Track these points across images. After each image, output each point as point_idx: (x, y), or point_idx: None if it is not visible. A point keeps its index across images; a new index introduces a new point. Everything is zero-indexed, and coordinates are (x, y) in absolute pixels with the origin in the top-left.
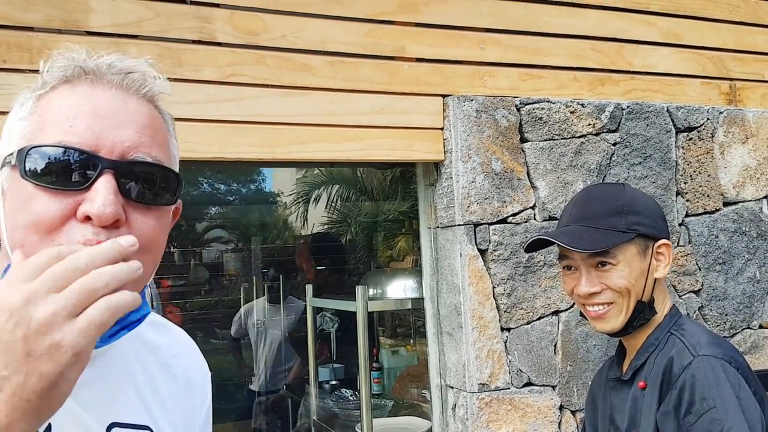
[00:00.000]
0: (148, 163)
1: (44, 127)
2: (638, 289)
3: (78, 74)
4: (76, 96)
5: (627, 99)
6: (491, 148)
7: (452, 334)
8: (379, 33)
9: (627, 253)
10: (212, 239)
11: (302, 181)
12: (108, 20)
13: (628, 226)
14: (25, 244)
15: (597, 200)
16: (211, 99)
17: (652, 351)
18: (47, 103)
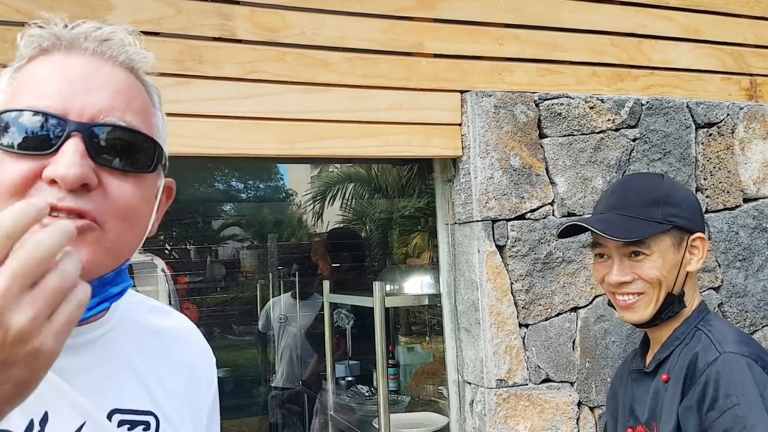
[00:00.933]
0: (121, 127)
1: (17, 95)
2: (669, 281)
3: (54, 44)
4: (50, 64)
5: (646, 94)
6: (509, 143)
7: (470, 330)
8: (397, 29)
9: (661, 244)
10: (228, 236)
11: (318, 180)
12: (130, 17)
13: (664, 217)
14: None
15: (635, 189)
16: (231, 96)
17: (678, 345)
18: (22, 74)
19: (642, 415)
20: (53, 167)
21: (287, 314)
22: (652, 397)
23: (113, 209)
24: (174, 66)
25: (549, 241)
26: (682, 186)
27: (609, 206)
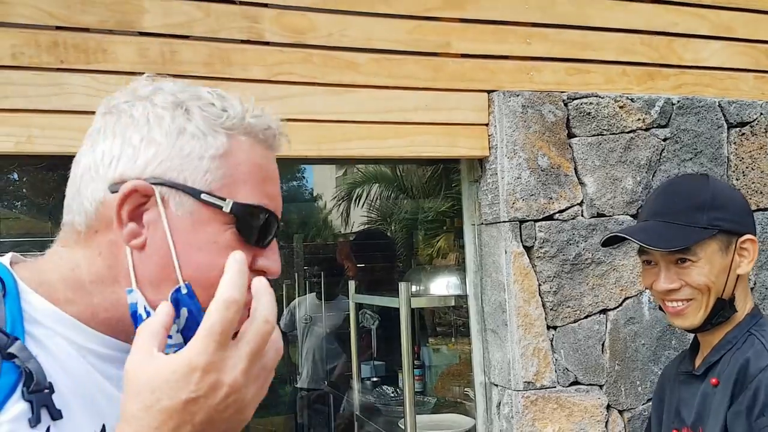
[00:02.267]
0: None
1: (245, 181)
2: (719, 286)
3: (267, 138)
4: (266, 160)
5: (677, 94)
6: (537, 143)
7: (497, 332)
8: (424, 29)
9: (708, 249)
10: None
11: (343, 180)
12: (160, 21)
13: (709, 222)
14: (215, 285)
15: (678, 194)
16: (258, 98)
17: (729, 349)
18: (238, 154)
19: (688, 417)
20: (269, 263)
21: (312, 315)
22: (699, 401)
23: None
24: (203, 69)
25: (578, 242)
26: (729, 187)
27: (652, 213)
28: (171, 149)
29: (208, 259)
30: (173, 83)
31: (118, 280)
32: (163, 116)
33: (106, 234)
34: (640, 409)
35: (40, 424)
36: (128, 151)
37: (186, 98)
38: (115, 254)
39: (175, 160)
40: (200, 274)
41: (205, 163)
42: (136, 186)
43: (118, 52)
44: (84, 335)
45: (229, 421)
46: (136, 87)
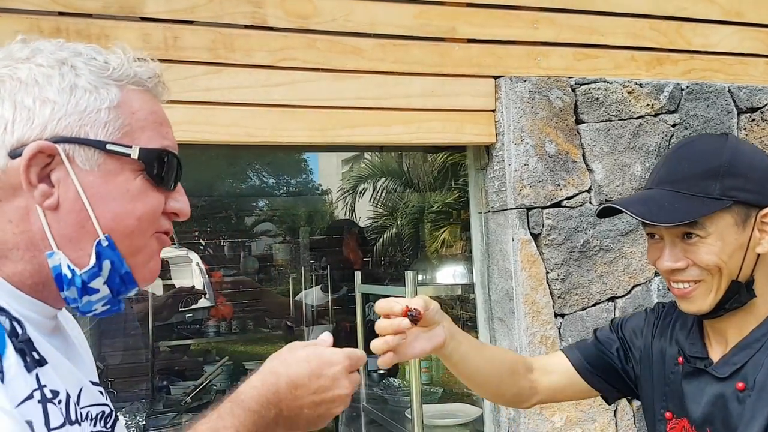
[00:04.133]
0: None
1: (143, 128)
2: (733, 266)
3: (155, 85)
4: (155, 104)
5: (686, 79)
6: (545, 129)
7: (504, 320)
8: (429, 14)
9: (720, 223)
10: (261, 231)
11: (349, 174)
12: (163, 6)
13: (723, 192)
14: (133, 230)
15: (689, 159)
16: (262, 83)
17: (759, 348)
18: (135, 103)
19: (693, 412)
20: (179, 205)
21: (318, 308)
22: (712, 402)
23: None
24: (207, 54)
25: (586, 229)
26: (753, 148)
27: (658, 180)
28: (66, 106)
29: (123, 208)
30: (48, 42)
31: (35, 243)
32: (52, 75)
33: (12, 201)
34: None
35: (33, 371)
36: (23, 114)
37: (68, 55)
38: (27, 219)
39: (73, 116)
40: (117, 224)
41: (103, 115)
42: (39, 147)
43: (120, 38)
44: (20, 302)
45: (320, 417)
46: (11, 50)
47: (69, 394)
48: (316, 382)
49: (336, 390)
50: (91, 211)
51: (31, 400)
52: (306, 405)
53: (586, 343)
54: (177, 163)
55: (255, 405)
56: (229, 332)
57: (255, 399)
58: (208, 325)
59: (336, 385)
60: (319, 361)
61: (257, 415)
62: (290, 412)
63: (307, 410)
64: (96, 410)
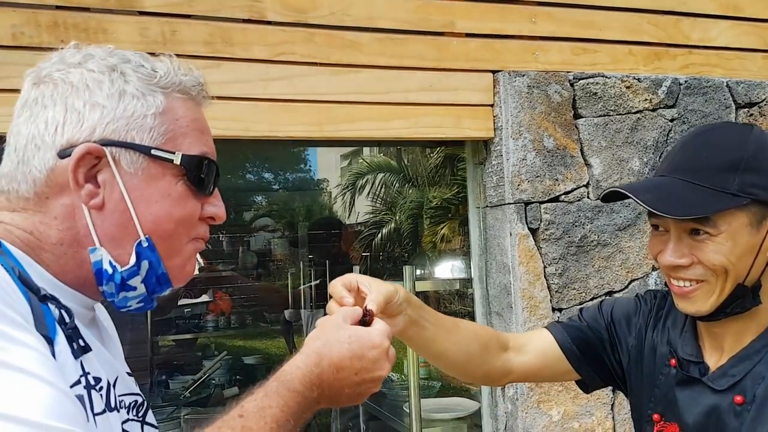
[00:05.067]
0: None
1: (185, 135)
2: (740, 269)
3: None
4: (197, 113)
5: (685, 74)
6: (543, 124)
7: (501, 314)
8: (428, 8)
9: (734, 222)
10: (260, 226)
11: (348, 170)
12: (160, 0)
13: (741, 188)
14: (172, 234)
15: (710, 147)
16: (261, 77)
17: (759, 360)
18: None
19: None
20: (216, 210)
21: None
22: (707, 413)
23: None
24: (204, 48)
25: (584, 224)
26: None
27: (673, 167)
28: (115, 111)
29: (164, 212)
30: (100, 48)
31: (79, 240)
32: (102, 80)
33: (59, 198)
34: None
35: (79, 357)
36: (73, 117)
37: (117, 62)
38: (72, 216)
39: (121, 121)
40: (158, 226)
41: (149, 120)
42: (88, 148)
43: (118, 31)
44: (62, 293)
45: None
46: (64, 56)
47: (109, 381)
48: (358, 364)
49: (377, 372)
50: (133, 213)
51: (79, 385)
52: (347, 385)
53: (574, 325)
54: (216, 170)
55: (299, 386)
56: (228, 327)
57: (299, 379)
58: (207, 320)
59: (377, 366)
60: (360, 343)
61: (301, 396)
62: (332, 391)
63: (348, 390)
64: (129, 399)
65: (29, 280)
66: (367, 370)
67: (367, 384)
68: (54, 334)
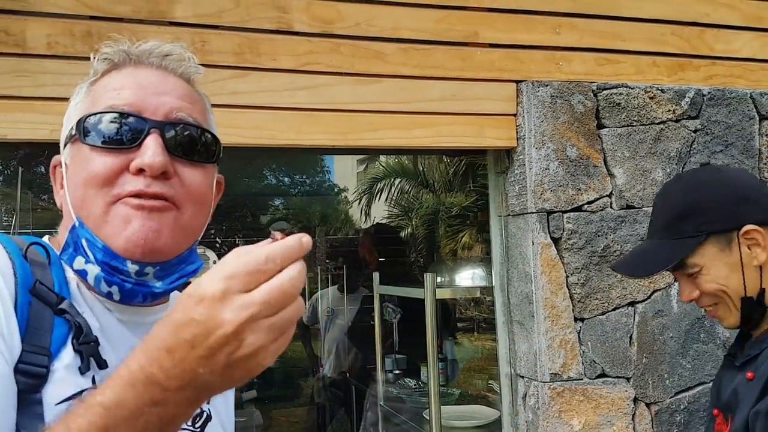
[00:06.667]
0: (189, 123)
1: (95, 103)
2: (736, 285)
3: (123, 60)
4: (121, 75)
5: (708, 85)
6: (566, 134)
7: (523, 323)
8: (451, 19)
9: (706, 254)
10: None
11: (364, 175)
12: (191, 11)
13: (696, 229)
14: (84, 199)
15: (663, 207)
16: (287, 87)
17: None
18: (97, 87)
19: (722, 400)
20: (140, 158)
21: (334, 307)
22: (732, 389)
23: (188, 194)
24: (233, 59)
25: (606, 234)
26: (714, 180)
27: (651, 231)
28: (67, 121)
29: (79, 183)
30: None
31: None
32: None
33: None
34: (668, 402)
35: (88, 373)
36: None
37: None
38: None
39: (66, 126)
40: (75, 199)
41: (72, 113)
42: (53, 161)
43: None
44: (108, 303)
45: (236, 365)
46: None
47: None
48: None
49: (215, 331)
50: (67, 198)
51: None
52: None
53: None
54: (119, 118)
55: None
56: None
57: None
58: None
59: (212, 324)
60: (183, 306)
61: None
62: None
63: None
64: None
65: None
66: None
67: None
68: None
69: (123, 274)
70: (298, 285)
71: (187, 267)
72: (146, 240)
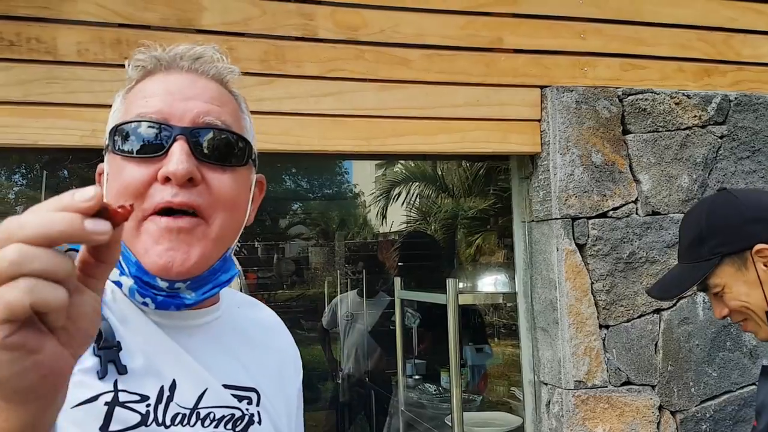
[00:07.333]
0: (216, 127)
1: (128, 110)
2: (757, 301)
3: (155, 65)
4: (152, 82)
5: (735, 90)
6: (591, 140)
7: (547, 330)
8: (476, 25)
9: (724, 275)
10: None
11: (383, 179)
12: (218, 19)
13: (711, 252)
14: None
15: (681, 235)
16: (312, 93)
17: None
18: (131, 94)
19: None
20: (166, 166)
21: (354, 312)
22: (765, 393)
23: (217, 200)
24: (259, 66)
25: (632, 240)
26: (726, 203)
27: (678, 256)
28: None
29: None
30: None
31: None
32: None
33: None
34: (693, 411)
35: (107, 377)
36: None
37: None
38: None
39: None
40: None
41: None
42: (98, 170)
43: None
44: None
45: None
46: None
47: (170, 396)
48: None
49: None
50: None
51: (93, 403)
52: None
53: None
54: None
55: None
56: None
57: None
58: None
59: None
60: None
61: None
62: None
63: None
64: (222, 412)
65: None
66: None
67: None
68: None
69: (155, 289)
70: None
71: (221, 276)
72: (174, 263)
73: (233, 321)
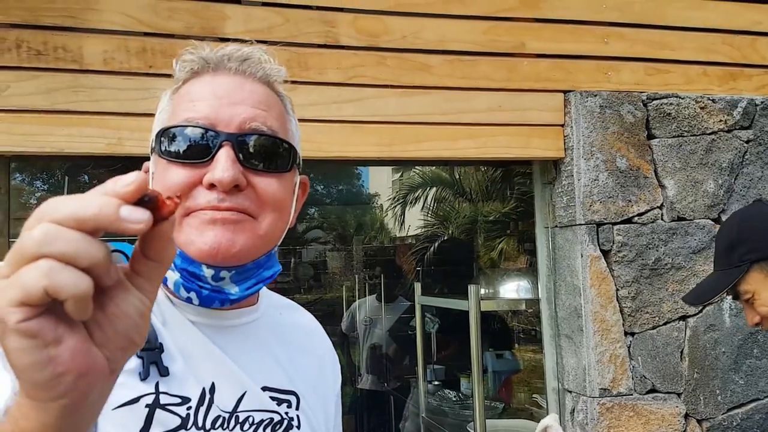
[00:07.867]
0: (263, 132)
1: (175, 113)
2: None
3: (203, 66)
4: (199, 84)
5: (761, 94)
6: (616, 144)
7: (571, 337)
8: (498, 30)
9: (753, 282)
10: (313, 239)
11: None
12: (242, 27)
13: (740, 259)
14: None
15: (717, 240)
16: (334, 100)
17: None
18: (178, 95)
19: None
20: (211, 173)
21: (372, 317)
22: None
23: (263, 204)
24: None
25: (657, 246)
26: (760, 212)
27: (713, 264)
28: (153, 128)
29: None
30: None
31: None
32: (160, 99)
33: None
34: (720, 419)
35: (149, 379)
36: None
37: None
38: None
39: (152, 133)
40: None
41: (156, 123)
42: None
43: None
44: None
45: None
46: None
47: (211, 399)
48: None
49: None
50: None
51: (134, 405)
52: None
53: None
54: (194, 131)
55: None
56: None
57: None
58: None
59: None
60: None
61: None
62: None
63: None
64: (261, 416)
65: None
66: None
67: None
68: None
69: (200, 280)
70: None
71: (264, 272)
72: (221, 246)
73: (273, 323)
